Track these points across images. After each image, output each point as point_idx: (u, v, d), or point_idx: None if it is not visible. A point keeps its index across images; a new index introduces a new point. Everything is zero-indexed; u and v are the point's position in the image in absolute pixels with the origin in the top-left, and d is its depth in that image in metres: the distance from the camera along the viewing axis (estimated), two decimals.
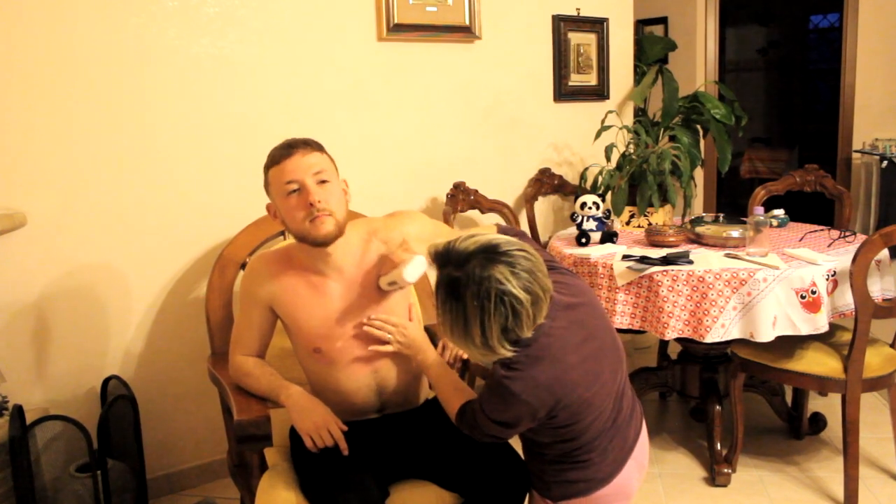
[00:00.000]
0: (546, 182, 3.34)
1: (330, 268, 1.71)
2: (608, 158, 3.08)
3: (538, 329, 1.36)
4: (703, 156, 3.54)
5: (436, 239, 1.79)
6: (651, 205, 2.88)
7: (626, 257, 2.46)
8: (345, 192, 1.70)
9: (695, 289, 2.28)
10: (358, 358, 1.74)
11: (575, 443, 1.48)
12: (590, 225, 2.76)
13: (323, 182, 1.62)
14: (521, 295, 1.28)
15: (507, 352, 1.33)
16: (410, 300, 1.86)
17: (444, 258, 1.35)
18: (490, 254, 1.30)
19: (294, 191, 1.61)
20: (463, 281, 1.29)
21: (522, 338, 1.33)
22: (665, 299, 2.30)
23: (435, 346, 1.88)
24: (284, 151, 1.63)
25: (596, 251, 2.57)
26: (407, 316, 1.79)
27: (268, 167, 1.66)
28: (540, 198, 3.37)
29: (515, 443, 1.68)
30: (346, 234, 1.69)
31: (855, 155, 4.70)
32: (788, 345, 2.41)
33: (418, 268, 1.63)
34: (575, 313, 1.45)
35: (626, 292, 2.38)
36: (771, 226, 2.85)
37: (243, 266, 2.21)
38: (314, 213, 1.60)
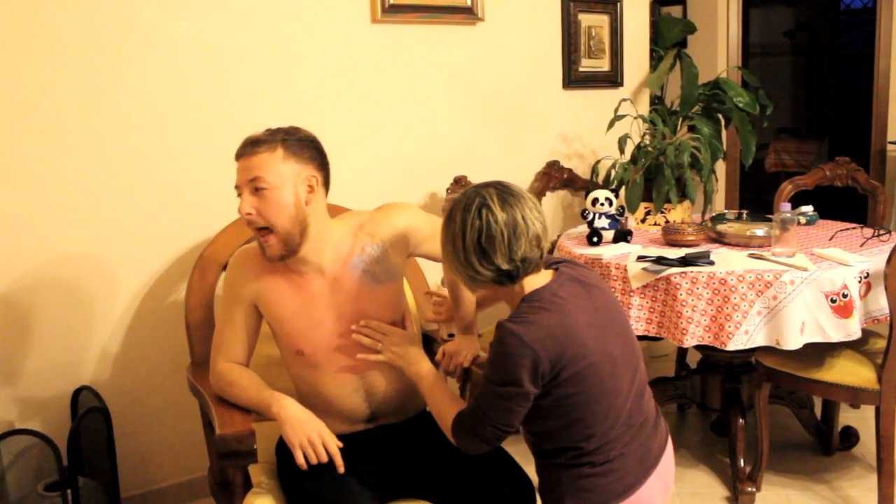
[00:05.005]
0: (554, 176, 3.34)
1: (311, 267, 1.74)
2: (622, 150, 3.08)
3: (545, 288, 1.51)
4: (724, 148, 3.54)
5: (433, 232, 1.82)
6: (668, 201, 2.88)
7: (641, 258, 2.47)
8: (312, 188, 1.69)
9: (716, 292, 2.28)
10: (343, 361, 1.76)
11: (588, 431, 1.48)
12: (602, 223, 2.76)
13: (259, 189, 1.64)
14: (499, 214, 1.46)
15: (485, 271, 1.48)
16: (404, 304, 1.86)
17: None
18: (487, 185, 1.52)
19: (239, 195, 1.68)
20: (455, 205, 1.52)
21: (498, 264, 1.46)
22: (684, 303, 2.30)
23: (434, 352, 1.89)
24: (237, 152, 1.70)
25: (609, 251, 2.57)
26: (398, 316, 1.80)
27: None
28: (548, 193, 3.37)
29: (520, 457, 1.68)
30: (332, 231, 1.74)
31: (890, 147, 4.70)
32: (817, 353, 2.41)
33: None
34: (584, 289, 1.55)
35: (642, 296, 2.39)
36: (798, 223, 2.86)
37: (226, 267, 2.21)
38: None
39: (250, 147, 1.67)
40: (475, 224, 1.46)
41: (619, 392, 1.51)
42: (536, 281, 1.53)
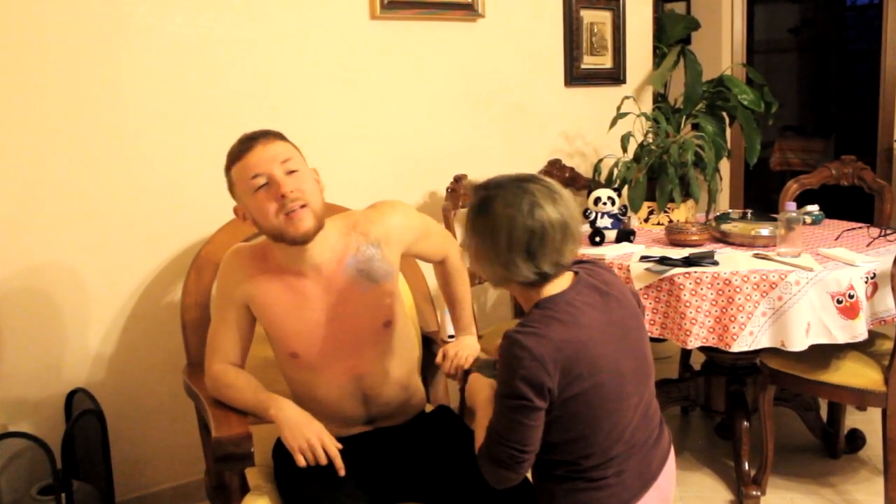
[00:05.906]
0: (556, 175, 3.33)
1: (308, 266, 1.72)
2: (624, 149, 3.08)
3: (561, 295, 1.44)
4: (729, 146, 3.54)
5: (426, 231, 1.81)
6: (672, 200, 2.88)
7: (644, 258, 2.47)
8: (317, 181, 1.71)
9: (720, 293, 2.28)
10: (338, 363, 1.76)
11: (588, 449, 1.47)
12: (604, 222, 2.76)
13: (292, 172, 1.63)
14: (553, 215, 1.40)
15: (527, 272, 1.41)
16: (400, 304, 1.86)
17: (480, 185, 1.47)
18: (525, 179, 1.45)
19: (262, 185, 1.63)
20: (494, 196, 1.43)
21: (542, 267, 1.41)
22: (687, 304, 2.30)
23: (434, 354, 1.88)
24: (244, 146, 1.65)
25: (611, 251, 2.57)
26: (392, 316, 1.80)
27: (228, 167, 1.69)
28: None
29: None
30: (327, 230, 1.72)
31: None
32: (823, 354, 2.41)
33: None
34: (602, 299, 1.49)
35: (645, 297, 2.38)
36: (804, 223, 2.85)
37: None
38: (288, 206, 1.61)
39: (262, 137, 1.65)
40: (527, 224, 1.39)
41: (625, 411, 1.48)
42: (554, 284, 1.47)
